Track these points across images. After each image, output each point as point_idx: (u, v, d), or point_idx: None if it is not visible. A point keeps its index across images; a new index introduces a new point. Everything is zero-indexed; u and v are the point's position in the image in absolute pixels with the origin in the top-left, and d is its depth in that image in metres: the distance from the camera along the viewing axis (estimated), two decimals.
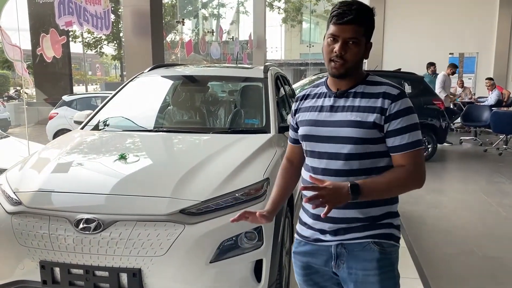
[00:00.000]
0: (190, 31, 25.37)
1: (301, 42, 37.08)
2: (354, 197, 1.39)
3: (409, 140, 1.49)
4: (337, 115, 1.55)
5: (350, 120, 1.51)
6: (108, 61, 40.22)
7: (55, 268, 2.22)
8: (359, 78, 1.57)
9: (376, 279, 1.53)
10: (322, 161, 1.56)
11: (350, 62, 1.50)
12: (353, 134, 1.50)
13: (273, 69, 4.09)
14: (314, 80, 8.49)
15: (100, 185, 2.42)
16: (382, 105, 1.49)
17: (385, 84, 1.54)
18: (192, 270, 2.17)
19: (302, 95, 1.71)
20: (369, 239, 1.53)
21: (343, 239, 1.55)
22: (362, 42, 1.50)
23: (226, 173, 2.46)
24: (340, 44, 1.48)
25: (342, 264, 1.56)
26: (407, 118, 1.49)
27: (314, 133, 1.59)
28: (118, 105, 3.67)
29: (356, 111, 1.52)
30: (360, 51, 1.50)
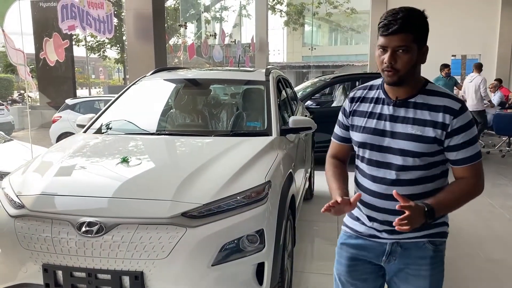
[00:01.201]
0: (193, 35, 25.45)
1: (303, 44, 37.10)
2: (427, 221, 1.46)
3: (471, 153, 1.54)
4: (397, 126, 1.56)
5: (410, 134, 1.54)
6: (111, 65, 40.37)
7: (58, 271, 2.23)
8: (417, 85, 1.56)
9: (428, 274, 1.62)
10: (381, 170, 1.61)
11: (402, 71, 1.49)
12: (412, 148, 1.53)
13: (275, 72, 4.10)
14: (316, 83, 8.51)
15: (102, 189, 2.43)
16: (443, 120, 1.51)
17: (446, 97, 1.54)
18: (194, 273, 2.18)
19: (358, 97, 1.70)
20: (424, 238, 1.61)
21: (399, 238, 1.61)
22: (412, 48, 1.48)
23: (228, 176, 2.46)
24: (389, 54, 1.48)
25: (394, 260, 1.64)
26: (469, 133, 1.52)
27: (373, 141, 1.61)
28: (120, 109, 3.69)
29: (417, 124, 1.53)
30: (411, 58, 1.48)
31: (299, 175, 3.71)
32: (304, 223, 4.46)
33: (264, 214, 2.37)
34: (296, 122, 3.38)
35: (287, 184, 2.84)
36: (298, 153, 3.78)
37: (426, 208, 1.45)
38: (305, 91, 8.11)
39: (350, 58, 32.52)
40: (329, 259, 3.70)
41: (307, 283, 3.26)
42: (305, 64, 32.65)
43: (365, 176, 1.66)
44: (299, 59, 36.02)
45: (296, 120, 3.42)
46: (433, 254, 1.62)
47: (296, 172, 3.43)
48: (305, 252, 3.86)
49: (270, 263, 2.36)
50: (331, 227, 4.41)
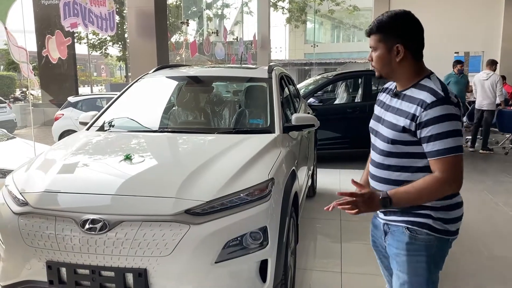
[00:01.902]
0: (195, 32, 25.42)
1: (306, 42, 37.00)
2: (384, 208, 1.64)
3: (439, 147, 1.57)
4: (387, 114, 1.75)
5: (389, 121, 1.71)
6: (113, 62, 40.39)
7: (62, 268, 2.23)
8: (412, 80, 1.69)
9: (404, 259, 1.72)
10: (372, 153, 1.82)
11: (377, 67, 1.72)
12: (388, 134, 1.69)
13: (277, 69, 4.10)
14: (319, 80, 8.50)
15: (106, 186, 2.43)
16: (414, 112, 1.61)
17: (426, 90, 1.62)
18: (197, 270, 2.18)
19: (383, 88, 1.90)
20: (403, 224, 1.72)
21: (388, 219, 1.78)
22: (380, 47, 1.68)
23: (231, 173, 2.46)
24: (369, 53, 1.76)
25: (387, 240, 1.80)
26: (439, 126, 1.56)
27: (373, 127, 1.83)
28: (123, 106, 3.68)
29: (395, 113, 1.70)
30: (380, 56, 1.69)
31: (302, 173, 3.70)
32: (307, 220, 4.46)
33: (267, 212, 2.36)
34: (299, 119, 3.37)
35: (290, 181, 2.84)
36: (301, 151, 3.78)
37: (381, 196, 1.62)
38: (308, 88, 8.10)
39: (352, 56, 32.46)
40: (332, 256, 3.73)
41: (310, 280, 3.26)
42: (307, 61, 32.58)
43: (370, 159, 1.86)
44: (301, 57, 35.95)
45: (299, 117, 3.41)
46: (409, 241, 1.70)
47: (299, 170, 3.43)
48: (308, 249, 3.86)
49: (273, 260, 2.35)
50: (333, 224, 4.41)
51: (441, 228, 1.69)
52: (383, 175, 1.74)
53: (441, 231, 1.69)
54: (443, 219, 1.69)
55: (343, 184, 5.92)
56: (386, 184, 1.73)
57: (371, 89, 7.85)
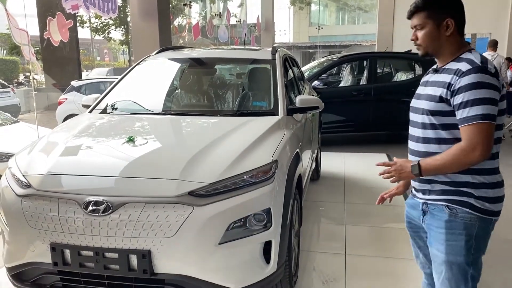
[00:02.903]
0: (198, 15, 25.15)
1: (310, 24, 36.63)
2: (416, 175, 1.69)
3: (467, 114, 1.57)
4: (425, 89, 1.77)
5: (427, 94, 1.73)
6: (116, 47, 40.20)
7: (66, 250, 2.24)
8: (453, 56, 1.71)
9: (443, 237, 1.72)
10: (412, 129, 1.83)
11: (423, 45, 1.74)
12: (426, 106, 1.71)
13: (281, 50, 4.04)
14: (323, 63, 8.40)
15: (109, 168, 2.42)
16: (450, 81, 1.63)
17: (464, 61, 1.64)
18: (201, 251, 2.17)
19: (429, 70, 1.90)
20: (443, 202, 1.72)
21: (427, 198, 1.79)
22: (428, 24, 1.70)
23: (235, 155, 2.44)
24: (413, 32, 1.77)
25: (426, 220, 1.80)
26: (470, 93, 1.56)
27: (413, 104, 1.84)
28: (125, 89, 3.66)
29: (433, 86, 1.71)
30: (428, 33, 1.71)
31: (306, 155, 3.68)
32: (310, 203, 4.46)
33: (271, 193, 2.35)
34: (303, 101, 3.33)
35: (294, 163, 2.82)
36: (305, 133, 3.75)
37: (412, 163, 1.69)
38: (312, 71, 8.02)
39: (357, 38, 32.12)
40: (335, 239, 3.73)
41: (314, 261, 3.27)
42: (311, 44, 32.30)
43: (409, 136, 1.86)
44: (306, 39, 35.64)
45: (303, 99, 3.37)
46: (448, 218, 1.70)
47: (303, 152, 3.41)
48: (312, 231, 3.86)
49: (277, 242, 2.35)
50: (337, 207, 4.40)
51: (482, 207, 1.68)
52: (423, 149, 1.75)
53: (483, 210, 1.68)
54: (485, 197, 1.68)
55: (348, 168, 5.90)
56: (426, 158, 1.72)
57: (377, 71, 7.76)
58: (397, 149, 7.18)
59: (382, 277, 3.04)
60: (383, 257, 3.33)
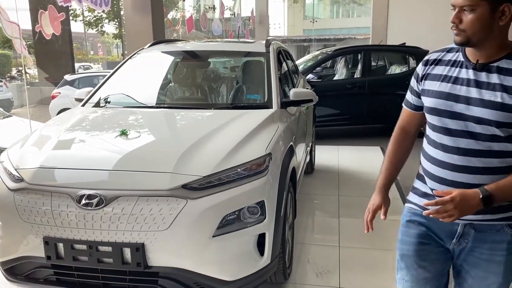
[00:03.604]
0: (191, 8, 25.02)
1: (305, 17, 36.56)
2: (486, 207, 1.34)
3: None
4: (475, 91, 1.40)
5: (489, 101, 1.37)
6: (109, 40, 39.92)
7: (59, 244, 2.23)
8: (503, 50, 1.40)
9: (503, 259, 1.47)
10: (454, 140, 1.44)
11: (468, 31, 1.37)
12: (489, 116, 1.37)
13: (275, 43, 4.03)
14: (318, 56, 8.39)
15: (102, 161, 2.40)
16: None
17: None
18: (195, 244, 2.18)
19: (433, 59, 1.54)
20: (502, 221, 1.44)
21: (473, 219, 1.46)
22: (480, 6, 1.34)
23: (228, 148, 2.44)
24: (455, 13, 1.39)
25: (466, 243, 1.50)
26: None
27: (445, 107, 1.45)
28: (118, 82, 3.63)
29: (499, 90, 1.37)
30: (480, 18, 1.34)
31: (300, 149, 3.68)
32: (305, 196, 4.47)
33: (264, 186, 2.35)
34: (297, 94, 3.33)
35: (288, 156, 2.82)
36: (299, 127, 3.75)
37: (481, 194, 1.33)
38: (307, 64, 8.00)
39: (352, 31, 32.10)
40: (329, 231, 3.75)
41: (308, 254, 3.29)
42: (306, 37, 32.24)
43: (435, 146, 1.50)
44: (300, 33, 35.58)
45: (297, 92, 3.37)
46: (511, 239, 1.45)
47: (297, 146, 3.41)
48: (306, 224, 3.88)
49: (271, 234, 2.36)
50: (331, 200, 4.42)
51: None
52: (477, 164, 1.41)
53: None
54: None
55: (342, 161, 5.92)
56: (481, 175, 1.41)
57: (371, 64, 7.76)
58: None
59: (376, 268, 3.06)
60: (376, 249, 3.35)
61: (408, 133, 1.69)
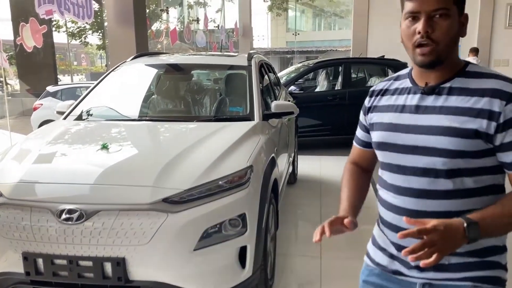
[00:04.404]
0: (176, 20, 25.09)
1: (287, 30, 36.95)
2: (473, 240, 1.06)
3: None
4: (425, 118, 1.18)
5: (443, 127, 1.14)
6: (93, 51, 39.63)
7: (38, 259, 2.21)
8: (455, 68, 1.18)
9: None
10: (405, 178, 1.21)
11: (442, 43, 1.12)
12: (447, 145, 1.14)
13: (257, 56, 4.08)
14: (300, 68, 8.50)
15: (82, 175, 2.40)
16: (490, 107, 1.10)
17: (494, 77, 1.13)
18: (176, 258, 2.18)
19: (379, 90, 1.35)
20: (468, 282, 1.19)
21: (433, 278, 1.22)
22: (453, 12, 1.12)
23: (210, 161, 2.46)
24: (423, 21, 1.11)
25: None
26: None
27: (393, 141, 1.24)
28: (101, 95, 3.63)
29: (451, 113, 1.14)
30: (452, 25, 1.12)
31: (282, 160, 3.72)
32: (288, 206, 4.50)
33: (246, 198, 2.38)
34: (278, 106, 3.38)
35: (270, 168, 2.85)
36: (281, 138, 3.79)
37: (465, 222, 1.05)
38: (289, 76, 8.11)
39: (333, 44, 32.54)
40: (311, 242, 3.73)
41: (291, 265, 3.31)
42: (289, 49, 32.56)
43: (387, 188, 1.28)
44: (283, 45, 35.93)
45: (279, 104, 3.42)
46: None
47: (279, 157, 3.45)
48: (289, 235, 3.90)
49: (252, 247, 2.37)
50: (314, 210, 4.46)
51: (506, 279, 1.24)
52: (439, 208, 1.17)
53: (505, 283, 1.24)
54: (505, 265, 1.24)
55: (324, 171, 5.98)
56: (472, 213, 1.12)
57: (351, 76, 7.90)
58: None
59: (357, 278, 3.09)
60: (357, 258, 3.38)
61: (363, 168, 1.48)
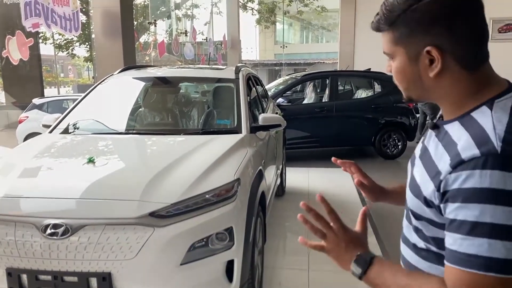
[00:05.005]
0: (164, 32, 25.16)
1: (275, 42, 37.26)
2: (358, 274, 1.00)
3: (455, 247, 0.82)
4: (416, 161, 1.03)
5: (413, 178, 1.00)
6: (80, 63, 39.43)
7: (22, 275, 2.18)
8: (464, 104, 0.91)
9: None
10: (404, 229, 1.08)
11: (400, 85, 0.99)
12: (409, 202, 1.00)
13: (244, 69, 4.12)
14: (288, 81, 8.58)
15: (68, 190, 2.38)
16: (441, 169, 0.87)
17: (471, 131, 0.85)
18: (163, 272, 2.17)
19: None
20: None
21: None
22: (398, 54, 0.94)
23: (197, 174, 2.46)
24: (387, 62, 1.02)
25: None
26: (467, 208, 0.80)
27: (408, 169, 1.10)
28: (87, 108, 3.62)
29: (425, 163, 0.96)
30: (400, 67, 0.95)
31: (269, 172, 3.73)
32: (276, 219, 4.50)
33: (233, 212, 2.38)
34: (265, 119, 3.40)
35: (257, 181, 2.86)
36: (269, 150, 3.81)
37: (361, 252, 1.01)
38: (277, 88, 8.18)
39: (321, 56, 32.87)
40: (300, 254, 3.77)
41: (280, 278, 3.30)
42: (277, 62, 32.82)
43: None
44: (272, 57, 36.19)
45: (266, 117, 3.45)
46: None
47: (267, 169, 3.46)
48: (277, 247, 3.90)
49: (239, 260, 2.37)
50: (302, 222, 4.46)
51: None
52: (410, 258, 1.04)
53: None
54: None
55: (312, 183, 6.00)
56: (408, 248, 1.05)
57: (338, 89, 8.00)
58: (359, 163, 7.30)
59: None
60: (345, 271, 3.39)
61: None
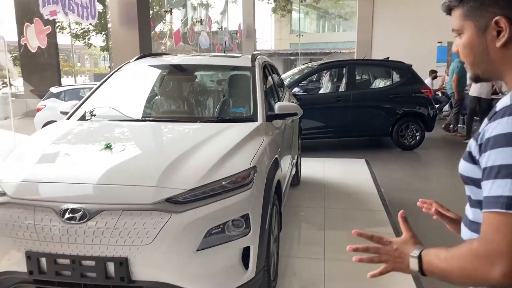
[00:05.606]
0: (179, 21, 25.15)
1: (291, 32, 36.98)
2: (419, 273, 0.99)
3: (491, 192, 0.85)
4: None
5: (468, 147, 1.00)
6: (96, 53, 39.77)
7: (41, 259, 2.21)
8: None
9: None
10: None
11: (466, 60, 1.03)
12: (460, 168, 1.03)
13: (260, 58, 4.08)
14: (304, 70, 8.50)
15: (86, 175, 2.40)
16: (482, 126, 0.94)
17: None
18: (179, 258, 2.18)
19: None
20: None
21: None
22: (466, 28, 1.00)
23: (213, 161, 2.45)
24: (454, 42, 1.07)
25: None
26: (498, 153, 0.84)
27: None
28: (104, 95, 3.64)
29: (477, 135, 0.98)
30: (468, 42, 1.00)
31: (285, 161, 3.71)
32: (291, 208, 4.49)
33: (249, 199, 2.37)
34: (282, 108, 3.37)
35: (273, 169, 2.85)
36: (284, 139, 3.79)
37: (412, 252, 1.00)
38: (293, 78, 8.10)
39: (337, 45, 32.51)
40: (315, 244, 3.76)
41: (294, 267, 3.29)
42: (292, 51, 32.59)
43: None
44: (287, 47, 35.93)
45: (282, 106, 3.41)
46: None
47: (282, 158, 3.44)
48: (292, 237, 3.89)
49: (255, 248, 2.37)
50: (317, 212, 4.44)
51: None
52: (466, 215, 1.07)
53: None
54: None
55: (327, 173, 5.97)
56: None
57: (355, 78, 7.89)
58: (376, 154, 7.30)
59: (360, 281, 3.08)
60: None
61: None
